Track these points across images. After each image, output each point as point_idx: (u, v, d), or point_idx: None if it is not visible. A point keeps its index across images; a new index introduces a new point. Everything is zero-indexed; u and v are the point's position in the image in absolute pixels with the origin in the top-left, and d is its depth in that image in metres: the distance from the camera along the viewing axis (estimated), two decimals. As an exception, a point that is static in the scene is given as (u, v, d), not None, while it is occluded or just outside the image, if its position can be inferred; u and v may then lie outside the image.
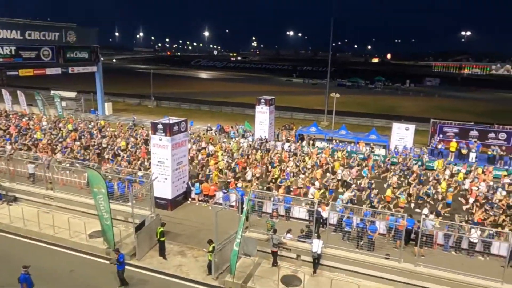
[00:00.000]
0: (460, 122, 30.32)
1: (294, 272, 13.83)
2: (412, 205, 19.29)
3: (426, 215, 16.30)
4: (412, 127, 29.21)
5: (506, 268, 12.66)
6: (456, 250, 15.53)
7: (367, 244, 14.86)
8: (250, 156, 25.02)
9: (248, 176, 21.46)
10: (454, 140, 27.77)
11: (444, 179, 21.61)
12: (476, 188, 20.07)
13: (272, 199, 18.10)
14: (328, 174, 22.28)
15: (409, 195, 19.60)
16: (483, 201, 18.77)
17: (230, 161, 23.83)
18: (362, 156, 26.55)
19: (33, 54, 34.89)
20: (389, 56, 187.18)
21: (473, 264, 14.40)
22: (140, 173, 19.84)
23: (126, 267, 13.16)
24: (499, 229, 14.77)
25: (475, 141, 27.62)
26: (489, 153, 26.37)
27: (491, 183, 21.39)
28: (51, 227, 15.92)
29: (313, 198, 17.86)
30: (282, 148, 28.37)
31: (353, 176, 21.83)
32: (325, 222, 16.34)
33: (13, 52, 33.05)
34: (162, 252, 14.73)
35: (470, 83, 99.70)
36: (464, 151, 26.87)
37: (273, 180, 20.86)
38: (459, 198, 19.47)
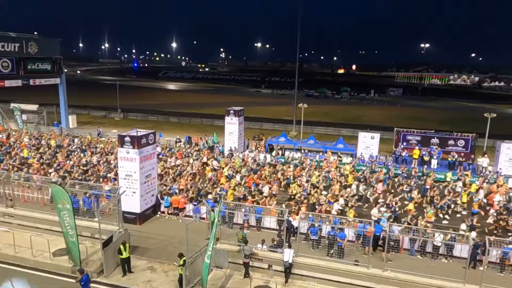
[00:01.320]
0: (422, 130, 31.59)
1: (266, 283, 13.85)
2: (444, 221, 19.08)
3: (465, 231, 16.41)
4: (377, 135, 30.15)
5: (467, 269, 13.23)
6: (421, 254, 16.07)
7: (337, 252, 15.13)
8: (261, 172, 23.99)
9: (264, 193, 20.73)
10: (417, 147, 28.88)
11: (465, 190, 21.86)
12: (498, 199, 20.36)
13: (243, 209, 18.08)
14: (348, 189, 21.42)
15: (435, 208, 19.41)
16: (505, 212, 19.05)
17: (239, 178, 22.90)
18: (368, 168, 25.97)
19: (-9, 65, 33.49)
20: (354, 67, 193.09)
21: (437, 267, 14.97)
22: (107, 187, 19.32)
23: (93, 285, 12.72)
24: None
25: (436, 148, 28.86)
26: (449, 159, 27.62)
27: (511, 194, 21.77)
28: (11, 246, 15.20)
29: (347, 216, 17.56)
30: (288, 162, 27.42)
31: (379, 192, 21.34)
32: (296, 231, 16.49)
33: (-31, 64, 31.64)
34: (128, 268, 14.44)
35: (430, 92, 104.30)
36: (426, 158, 28.00)
37: (292, 197, 20.41)
38: (469, 209, 19.77)
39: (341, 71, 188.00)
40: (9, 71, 35.09)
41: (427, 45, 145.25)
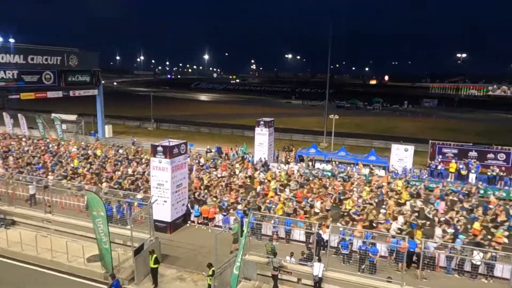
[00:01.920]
0: (458, 142, 30.43)
1: (295, 296, 13.61)
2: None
3: None
4: (411, 148, 29.30)
5: (510, 291, 12.47)
6: (459, 272, 15.32)
7: (368, 267, 14.69)
8: (306, 186, 23.26)
9: (316, 208, 19.97)
10: (454, 161, 27.81)
11: None
12: None
13: (272, 221, 17.97)
14: (406, 207, 20.17)
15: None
16: None
17: (288, 192, 22.19)
18: (420, 184, 24.45)
19: (35, 78, 35.28)
20: (386, 78, 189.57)
21: (476, 287, 14.20)
22: (139, 196, 19.77)
23: (124, 292, 12.94)
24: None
25: (474, 162, 27.67)
26: (489, 173, 26.40)
27: None
28: (48, 251, 15.74)
29: (400, 233, 16.44)
30: (334, 176, 26.51)
31: (442, 211, 19.93)
32: (326, 244, 16.19)
33: (15, 76, 33.46)
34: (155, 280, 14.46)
35: (468, 104, 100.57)
36: (463, 172, 26.90)
37: (345, 213, 19.43)
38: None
39: (373, 82, 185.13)
40: (51, 83, 36.90)
41: (464, 55, 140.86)
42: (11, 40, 35.53)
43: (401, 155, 29.17)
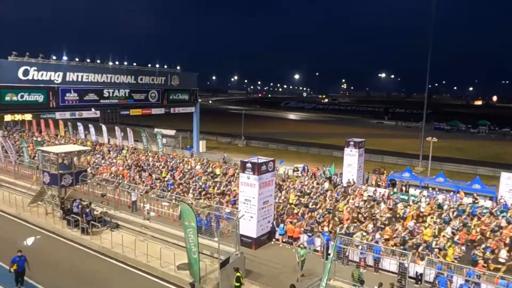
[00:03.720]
0: None
1: (382, 331, 12.63)
2: None
3: None
4: (525, 177, 25.68)
5: None
6: None
7: (470, 310, 13.04)
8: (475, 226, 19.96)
9: (501, 257, 16.60)
10: None
11: None
12: None
13: (360, 247, 17.08)
14: None
15: None
16: None
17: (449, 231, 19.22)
18: None
19: (142, 96, 39.08)
20: (495, 98, 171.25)
21: None
22: (227, 210, 20.41)
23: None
24: None
25: None
26: None
27: None
28: (144, 255, 16.95)
29: None
30: (492, 214, 22.13)
31: None
32: (420, 278, 14.83)
33: (126, 94, 37.46)
34: None
35: None
36: None
37: None
38: None
39: (478, 102, 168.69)
40: (155, 100, 40.57)
41: None
42: (125, 63, 39.37)
43: (513, 185, 25.72)
